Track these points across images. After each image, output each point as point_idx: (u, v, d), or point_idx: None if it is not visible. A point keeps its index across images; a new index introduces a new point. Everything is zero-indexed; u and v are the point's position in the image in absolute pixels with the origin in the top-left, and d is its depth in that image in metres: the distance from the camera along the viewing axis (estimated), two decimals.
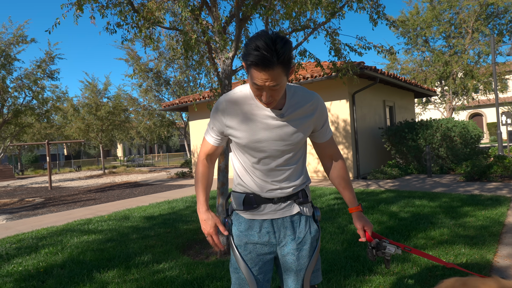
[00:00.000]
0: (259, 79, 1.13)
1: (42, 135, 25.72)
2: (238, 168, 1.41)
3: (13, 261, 3.95)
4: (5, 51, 9.63)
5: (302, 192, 1.42)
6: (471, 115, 30.64)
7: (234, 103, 1.31)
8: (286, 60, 1.11)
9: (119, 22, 3.68)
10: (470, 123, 10.59)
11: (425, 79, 17.22)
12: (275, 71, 1.11)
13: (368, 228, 1.43)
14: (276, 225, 1.38)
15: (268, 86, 1.14)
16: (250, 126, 1.30)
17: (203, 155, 1.45)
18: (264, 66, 1.09)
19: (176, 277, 3.11)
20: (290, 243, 1.38)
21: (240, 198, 1.39)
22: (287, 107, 1.31)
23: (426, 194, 6.32)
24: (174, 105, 12.97)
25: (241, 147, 1.36)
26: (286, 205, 1.38)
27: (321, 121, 1.40)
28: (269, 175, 1.35)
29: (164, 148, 52.62)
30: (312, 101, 1.35)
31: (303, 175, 1.44)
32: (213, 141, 1.41)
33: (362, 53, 5.15)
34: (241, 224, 1.39)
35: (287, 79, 1.19)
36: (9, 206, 9.38)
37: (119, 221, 5.74)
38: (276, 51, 1.08)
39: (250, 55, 1.10)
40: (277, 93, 1.18)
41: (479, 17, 16.26)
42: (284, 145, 1.33)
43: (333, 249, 3.59)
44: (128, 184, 13.35)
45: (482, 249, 3.33)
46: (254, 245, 1.37)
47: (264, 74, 1.11)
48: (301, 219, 1.40)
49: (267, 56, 1.08)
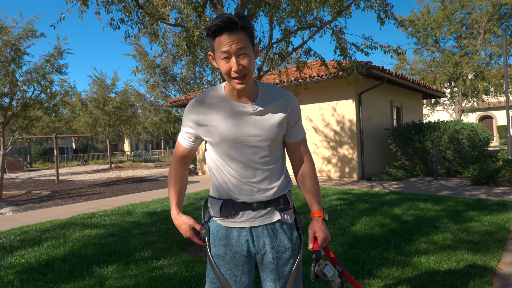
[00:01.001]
0: (225, 43, 1.16)
1: (50, 129, 26.03)
2: (213, 168, 1.36)
3: (16, 253, 3.99)
4: (15, 45, 9.73)
5: (284, 198, 1.36)
6: (481, 117, 30.19)
7: (204, 101, 1.30)
8: (248, 27, 1.18)
9: (122, 18, 3.68)
10: (479, 126, 10.42)
11: (434, 80, 16.99)
12: (239, 35, 1.16)
13: (319, 236, 1.29)
14: (255, 233, 1.32)
15: (235, 49, 1.16)
16: (222, 122, 1.28)
17: (176, 158, 1.43)
18: (228, 28, 1.15)
19: (174, 274, 3.11)
20: (270, 252, 1.32)
21: (217, 205, 1.34)
22: (259, 101, 1.29)
23: (431, 197, 6.24)
24: (180, 102, 13.00)
25: (215, 145, 1.32)
26: (266, 212, 1.32)
27: (294, 118, 1.36)
28: (245, 174, 1.30)
29: (171, 144, 52.89)
30: (285, 97, 1.34)
31: (284, 176, 1.37)
32: (185, 143, 1.39)
33: (368, 52, 5.09)
34: (218, 232, 1.34)
35: (253, 52, 1.21)
36: (16, 198, 9.51)
37: (121, 216, 5.77)
38: (239, 18, 1.16)
39: (213, 24, 1.17)
40: (246, 61, 1.18)
41: (492, 17, 15.97)
42: (259, 141, 1.29)
43: (333, 251, 3.56)
44: (133, 179, 13.45)
45: (485, 255, 3.27)
46: (232, 255, 1.31)
47: (229, 37, 1.15)
48: (282, 227, 1.34)
49: (230, 19, 1.15)
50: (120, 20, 3.65)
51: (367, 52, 4.99)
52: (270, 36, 3.95)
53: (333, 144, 9.94)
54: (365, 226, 4.42)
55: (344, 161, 9.76)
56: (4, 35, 9.38)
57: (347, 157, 9.69)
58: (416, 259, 3.24)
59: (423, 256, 3.32)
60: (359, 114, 9.55)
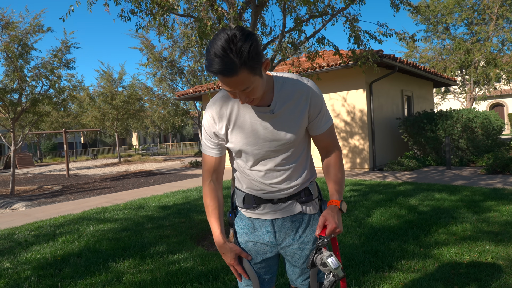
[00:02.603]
0: (226, 86, 1.06)
1: (59, 124, 26.23)
2: (235, 165, 1.35)
3: (31, 248, 4.01)
4: (22, 40, 9.72)
5: (305, 190, 1.31)
6: (492, 105, 29.64)
7: (222, 105, 1.24)
8: (249, 61, 0.99)
9: (133, 9, 3.61)
10: (492, 114, 10.19)
11: (445, 68, 16.64)
12: (240, 76, 1.01)
13: (328, 225, 1.17)
14: (276, 225, 1.32)
15: (238, 90, 1.06)
16: (239, 129, 1.22)
17: (207, 175, 1.32)
18: (226, 75, 1.00)
19: (191, 269, 3.09)
20: (292, 242, 1.32)
21: (240, 197, 1.34)
22: (275, 101, 1.19)
23: (446, 187, 6.13)
24: (188, 95, 12.95)
25: (234, 152, 1.28)
26: (287, 205, 1.30)
27: (315, 111, 1.25)
28: (267, 177, 1.26)
29: (178, 137, 53.07)
30: (304, 90, 1.21)
31: (307, 171, 1.32)
32: (213, 152, 1.29)
33: (382, 40, 4.95)
34: (242, 221, 1.36)
35: (260, 77, 1.07)
36: (28, 193, 9.62)
37: (134, 210, 5.78)
38: (237, 53, 0.97)
39: (210, 65, 1.01)
40: (252, 93, 1.08)
41: (505, 2, 15.51)
42: (279, 145, 1.23)
43: (350, 243, 3.50)
44: (143, 172, 13.51)
45: (508, 247, 3.19)
46: (254, 243, 1.33)
47: (229, 81, 1.03)
48: (303, 218, 1.32)
49: (227, 63, 0.98)
50: (130, 11, 3.58)
51: (381, 40, 4.86)
52: (283, 25, 3.84)
53: (344, 135, 9.82)
54: (381, 218, 4.35)
55: (355, 152, 9.64)
56: (11, 30, 9.37)
57: (358, 148, 9.57)
58: (437, 251, 3.17)
59: (443, 247, 3.24)
60: (370, 104, 9.40)
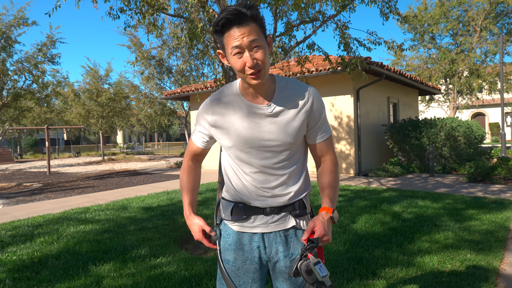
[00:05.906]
0: (235, 37, 1.06)
1: (42, 120, 25.58)
2: (227, 170, 1.28)
3: (8, 249, 3.87)
4: (5, 33, 9.44)
5: (300, 202, 1.25)
6: (474, 114, 30.45)
7: (221, 101, 1.22)
8: (258, 17, 1.08)
9: (122, 7, 3.54)
10: (474, 123, 10.45)
11: (430, 76, 17.02)
12: (250, 26, 1.06)
13: (317, 232, 1.10)
14: (267, 239, 1.24)
15: (247, 42, 1.06)
16: (235, 126, 1.19)
17: (189, 155, 1.37)
18: (237, 21, 1.05)
19: (174, 273, 3.03)
20: (283, 260, 1.24)
21: (228, 208, 1.27)
22: (276, 100, 1.18)
23: (429, 194, 6.23)
24: (175, 94, 12.82)
25: (227, 149, 1.24)
26: (280, 217, 1.23)
27: (315, 118, 1.21)
28: (260, 180, 1.20)
29: (164, 136, 52.51)
30: (305, 94, 1.20)
31: (302, 181, 1.25)
32: (199, 143, 1.32)
33: (371, 48, 5.01)
34: (229, 237, 1.26)
35: (266, 43, 1.11)
36: (6, 191, 9.30)
37: (117, 211, 5.66)
38: (247, 8, 1.07)
39: (220, 18, 1.07)
40: (260, 54, 1.08)
41: (488, 15, 16.00)
42: (275, 145, 1.19)
43: (335, 250, 3.50)
44: (127, 172, 13.28)
45: (488, 256, 3.25)
46: (243, 262, 1.24)
47: (239, 29, 1.06)
48: (296, 233, 1.25)
49: (237, 10, 1.05)
50: (119, 9, 3.50)
51: (370, 47, 4.92)
52: (274, 29, 3.84)
53: None
54: (365, 224, 4.38)
55: (341, 157, 9.72)
56: None
57: (344, 153, 9.65)
58: (420, 259, 3.20)
59: (426, 256, 3.28)
60: (357, 110, 9.50)
